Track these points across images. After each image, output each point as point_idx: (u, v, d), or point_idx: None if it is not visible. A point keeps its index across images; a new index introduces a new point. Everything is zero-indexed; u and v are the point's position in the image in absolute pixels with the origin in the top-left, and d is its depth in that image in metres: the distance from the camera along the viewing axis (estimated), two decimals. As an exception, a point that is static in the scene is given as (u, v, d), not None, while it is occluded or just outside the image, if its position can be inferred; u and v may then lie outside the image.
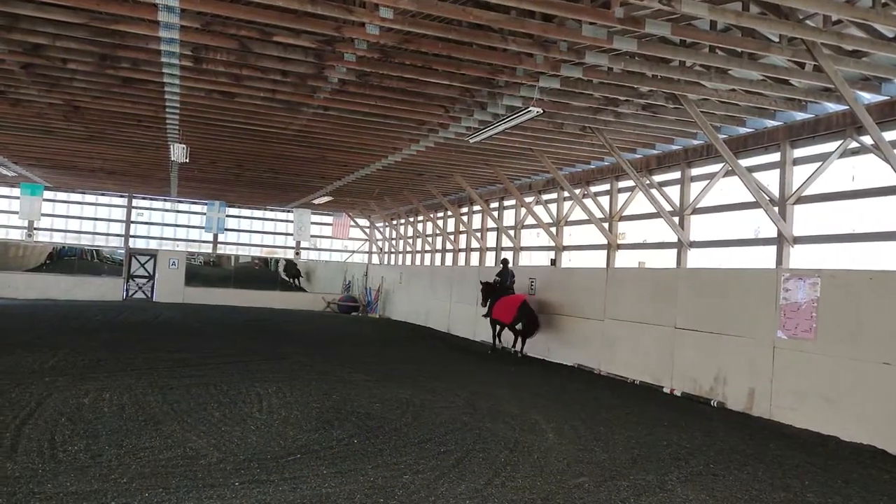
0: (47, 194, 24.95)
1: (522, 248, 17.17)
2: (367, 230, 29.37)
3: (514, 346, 14.65)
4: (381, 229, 28.18)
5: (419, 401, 8.50)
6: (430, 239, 23.27)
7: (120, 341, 12.87)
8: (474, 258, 19.87)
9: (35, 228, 25.48)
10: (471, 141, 11.15)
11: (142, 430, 6.27)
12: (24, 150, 16.70)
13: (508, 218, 18.17)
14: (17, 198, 24.13)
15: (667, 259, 12.42)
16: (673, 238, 12.08)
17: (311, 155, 14.86)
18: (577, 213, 15.06)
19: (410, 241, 25.09)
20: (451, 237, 21.22)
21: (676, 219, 11.91)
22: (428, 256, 23.48)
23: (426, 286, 21.91)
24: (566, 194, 15.36)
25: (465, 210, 20.75)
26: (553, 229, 15.53)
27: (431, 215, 22.33)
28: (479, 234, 19.26)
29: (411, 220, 24.67)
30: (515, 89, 9.24)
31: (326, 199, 22.21)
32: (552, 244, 15.62)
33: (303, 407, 7.72)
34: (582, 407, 8.91)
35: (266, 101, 10.35)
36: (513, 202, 17.76)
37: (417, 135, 12.26)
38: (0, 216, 25.38)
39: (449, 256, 21.65)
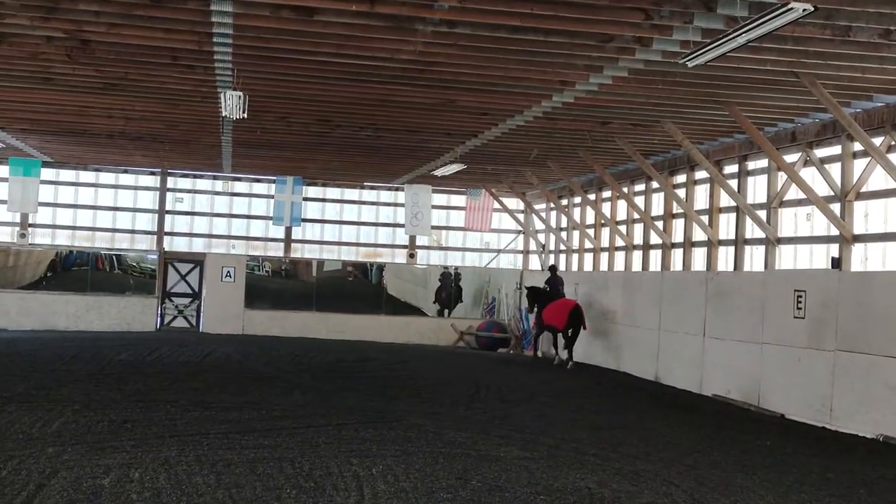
0: (46, 173, 27.04)
1: (782, 241, 16.54)
2: (521, 216, 29.47)
3: (559, 352, 21.41)
4: (543, 214, 28.16)
5: (611, 494, 8.39)
6: (622, 227, 22.96)
7: (153, 393, 13.68)
8: (697, 256, 19.42)
9: (30, 225, 27.67)
10: (689, 64, 10.86)
11: (187, 529, 6.61)
12: (13, 109, 18.13)
13: (754, 191, 17.58)
14: (4, 180, 26.37)
15: None
16: None
17: (430, 99, 15.01)
18: (878, 180, 14.28)
19: (590, 231, 24.88)
20: (659, 223, 20.83)
21: None
22: (619, 255, 23.18)
23: (616, 304, 21.87)
24: (857, 147, 14.59)
25: (679, 179, 20.32)
26: (836, 206, 14.80)
27: (625, 189, 22.02)
28: (705, 218, 18.78)
29: (591, 197, 24.46)
30: (765, -26, 8.87)
31: (455, 167, 22.48)
32: (834, 232, 14.91)
33: (425, 498, 7.81)
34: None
35: (361, 17, 10.57)
36: (761, 163, 17.16)
37: (600, 58, 12.08)
38: (-17, 208, 27.73)
39: (654, 255, 21.26)
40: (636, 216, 21.97)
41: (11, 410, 11.37)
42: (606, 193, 24.09)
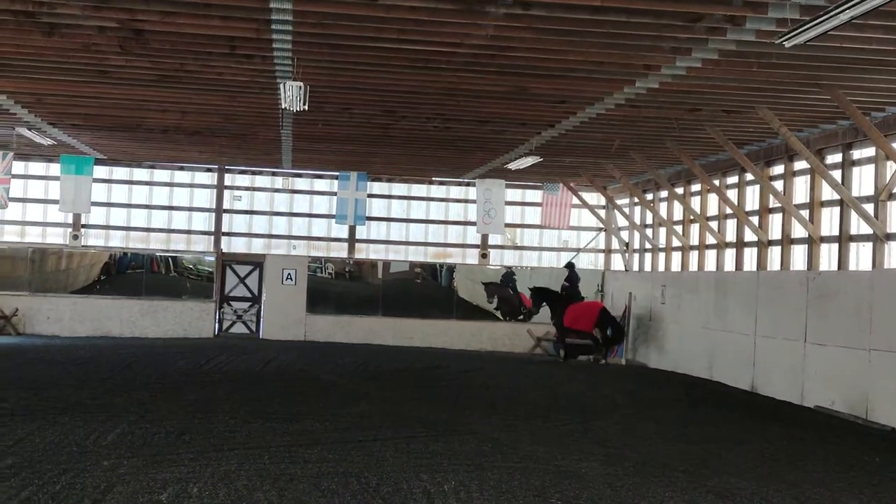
0: (99, 171, 27.55)
1: (892, 237, 16.22)
2: (602, 212, 29.31)
3: (601, 354, 23.40)
4: (626, 210, 27.96)
5: (704, 513, 8.32)
6: (713, 223, 22.71)
7: (212, 403, 13.93)
8: (796, 254, 19.14)
9: (83, 226, 28.29)
10: (787, 44, 10.70)
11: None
12: (65, 104, 18.63)
13: (859, 182, 17.28)
14: (56, 178, 27.05)
15: None
16: None
17: (503, 87, 15.02)
18: None
19: (678, 227, 24.65)
20: (754, 218, 20.56)
21: None
22: (710, 254, 22.94)
23: (708, 308, 21.69)
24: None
25: (776, 171, 20.05)
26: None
27: (716, 182, 21.78)
28: (805, 213, 18.50)
29: (679, 191, 24.23)
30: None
31: (530, 160, 22.45)
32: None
33: (501, 518, 7.84)
34: None
35: (428, 0, 10.61)
36: (868, 152, 16.85)
37: (688, 40, 11.98)
38: (32, 208, 28.39)
39: (749, 254, 20.99)
40: (728, 211, 21.72)
41: (65, 421, 11.65)
42: (696, 187, 23.83)
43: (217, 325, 28.16)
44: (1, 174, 25.52)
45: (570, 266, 26.29)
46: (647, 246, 26.80)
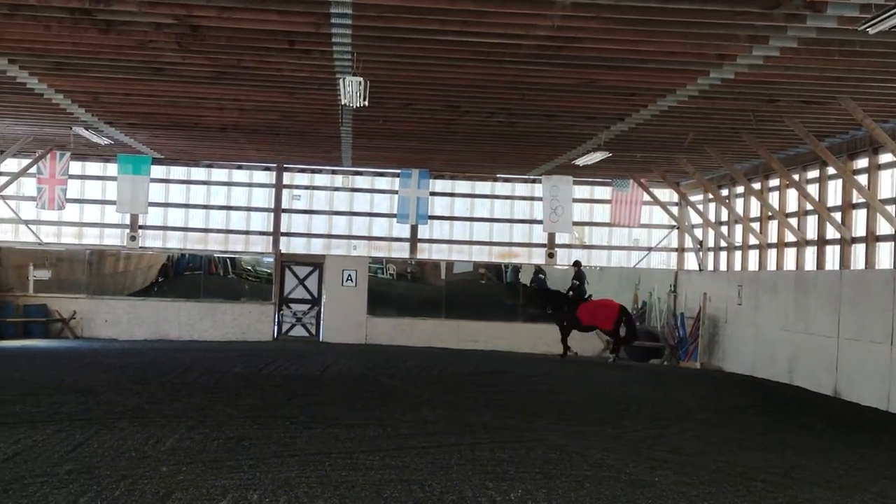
0: (156, 171, 27.93)
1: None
2: (675, 209, 29.09)
3: (613, 352, 25.56)
4: (700, 207, 27.73)
5: (785, 525, 8.24)
6: (792, 220, 22.45)
7: (271, 408, 14.08)
8: (882, 252, 18.87)
9: (140, 227, 28.72)
10: (871, 31, 10.55)
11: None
12: (121, 103, 18.91)
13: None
14: (113, 179, 27.52)
15: None
16: None
17: (570, 79, 14.98)
18: None
19: (755, 224, 24.39)
20: (836, 215, 20.30)
21: None
22: (790, 252, 22.67)
23: (788, 309, 21.49)
24: None
25: (860, 164, 19.77)
26: None
27: (796, 177, 21.52)
28: (891, 208, 18.22)
29: (756, 186, 23.98)
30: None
31: (599, 156, 22.37)
32: None
33: (571, 528, 7.83)
34: None
35: (491, -10, 10.66)
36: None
37: (765, 28, 11.85)
38: (90, 209, 28.87)
39: (831, 251, 20.72)
40: (809, 207, 21.46)
41: (124, 426, 11.87)
42: (774, 182, 23.59)
43: (276, 327, 28.42)
44: (58, 175, 26.08)
45: (577, 264, 26.78)
46: (723, 244, 26.58)
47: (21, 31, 13.11)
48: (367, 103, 14.35)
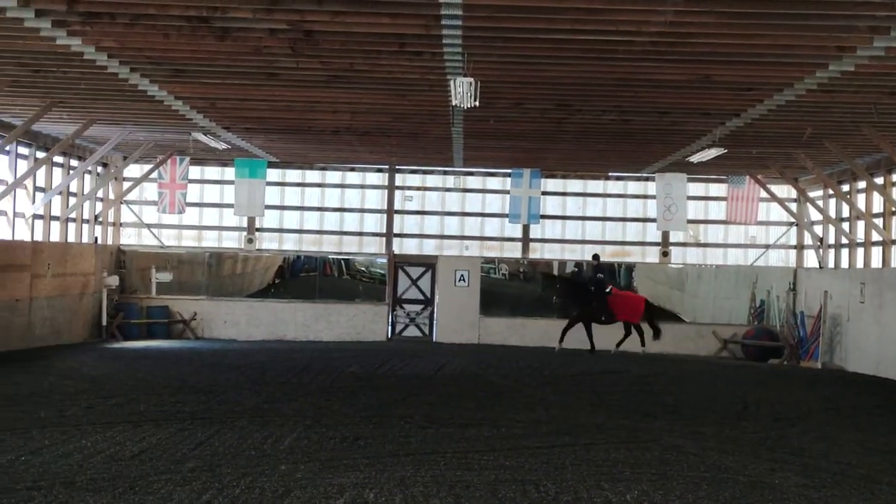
0: (272, 174, 28.44)
1: None
2: (793, 206, 28.49)
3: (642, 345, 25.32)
4: (820, 203, 27.11)
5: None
6: (917, 216, 21.83)
7: (386, 407, 14.22)
8: None
9: (257, 229, 29.27)
10: None
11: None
12: (238, 108, 19.33)
13: None
14: (230, 182, 28.13)
15: None
16: None
17: (684, 75, 14.82)
18: None
19: (878, 220, 23.75)
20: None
21: None
22: (915, 250, 22.06)
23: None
24: None
25: None
26: None
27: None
28: None
29: (878, 181, 23.35)
30: None
31: (714, 152, 22.06)
32: None
33: (689, 531, 7.72)
34: None
35: (602, -13, 10.59)
36: None
37: (887, 17, 11.52)
38: (208, 212, 29.53)
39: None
40: (934, 202, 20.83)
41: (244, 425, 12.14)
42: (896, 176, 22.95)
43: (390, 328, 28.66)
44: (178, 180, 26.75)
45: (595, 258, 26.47)
46: (844, 241, 25.97)
47: (141, 40, 13.50)
48: (477, 104, 14.37)
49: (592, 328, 25.38)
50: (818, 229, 27.77)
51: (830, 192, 26.39)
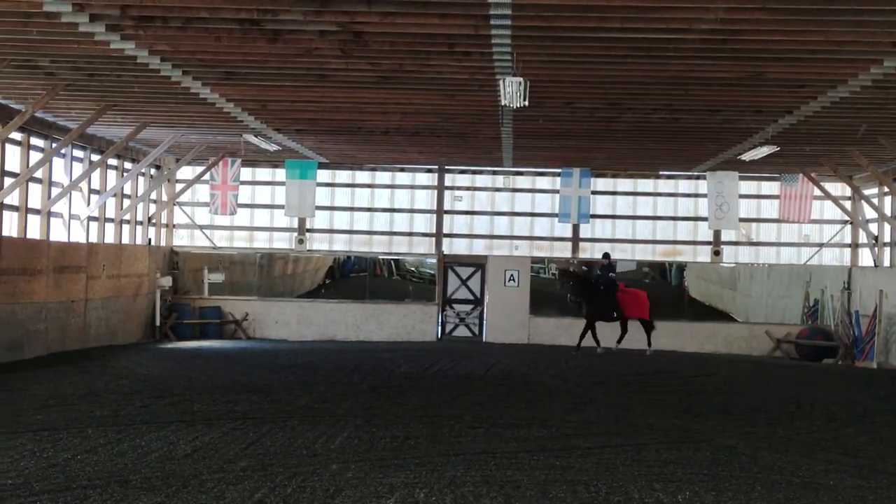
0: (322, 175, 28.54)
1: None
2: (848, 204, 28.14)
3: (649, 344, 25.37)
4: (875, 201, 26.76)
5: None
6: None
7: (436, 407, 14.25)
8: None
9: (308, 230, 29.45)
10: None
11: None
12: (288, 109, 19.49)
13: None
14: (281, 184, 28.30)
15: None
16: None
17: (735, 73, 14.74)
18: None
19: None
20: None
21: None
22: (973, 248, 21.70)
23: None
24: None
25: None
26: None
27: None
28: None
29: (934, 178, 23.03)
30: None
31: (766, 150, 21.90)
32: None
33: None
34: None
35: (652, -15, 10.54)
36: None
37: (942, 12, 11.37)
38: (259, 213, 29.74)
39: None
40: None
41: (295, 425, 12.22)
42: (953, 173, 22.61)
43: (440, 328, 28.69)
44: (230, 181, 26.99)
45: (606, 256, 26.58)
46: (900, 239, 25.64)
47: (193, 43, 13.67)
48: (527, 103, 14.39)
49: (597, 328, 25.45)
50: (873, 227, 27.42)
51: (885, 189, 26.04)
